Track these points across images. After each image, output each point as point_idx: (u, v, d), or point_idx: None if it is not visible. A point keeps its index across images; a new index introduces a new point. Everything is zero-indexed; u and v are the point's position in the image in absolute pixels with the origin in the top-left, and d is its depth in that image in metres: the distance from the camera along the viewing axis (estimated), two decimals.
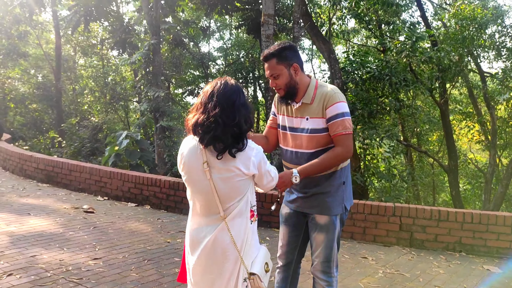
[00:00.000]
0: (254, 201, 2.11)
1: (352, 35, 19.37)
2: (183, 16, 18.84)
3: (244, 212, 2.04)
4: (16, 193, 6.77)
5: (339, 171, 2.52)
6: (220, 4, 15.05)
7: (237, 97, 2.00)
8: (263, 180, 2.09)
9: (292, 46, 2.50)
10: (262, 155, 2.06)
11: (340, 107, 2.43)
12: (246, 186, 2.04)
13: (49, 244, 4.41)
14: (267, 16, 8.78)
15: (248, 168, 2.00)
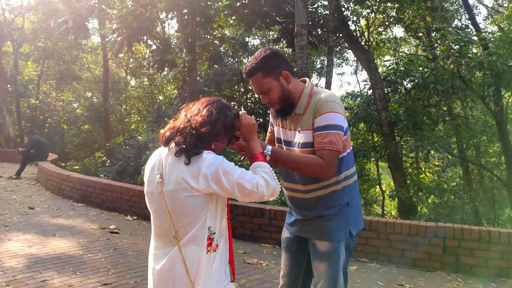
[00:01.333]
0: (216, 228, 1.75)
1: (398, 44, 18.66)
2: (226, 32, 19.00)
3: (199, 239, 1.72)
4: (49, 213, 6.80)
5: (341, 190, 2.14)
6: (259, 19, 14.96)
7: (219, 109, 1.82)
8: (236, 195, 1.72)
9: (275, 52, 2.15)
10: (221, 165, 1.70)
11: (330, 118, 2.04)
12: (199, 206, 1.71)
13: (64, 267, 4.27)
14: (300, 26, 8.49)
15: (197, 182, 1.67)
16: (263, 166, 1.82)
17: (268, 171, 1.81)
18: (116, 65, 24.75)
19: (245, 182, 1.71)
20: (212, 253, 1.74)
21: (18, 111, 21.37)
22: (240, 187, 1.70)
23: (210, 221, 1.74)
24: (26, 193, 8.68)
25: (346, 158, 2.15)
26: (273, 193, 1.79)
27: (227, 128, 1.84)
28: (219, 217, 1.77)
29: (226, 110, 1.84)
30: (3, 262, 4.37)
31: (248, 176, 1.73)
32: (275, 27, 15.41)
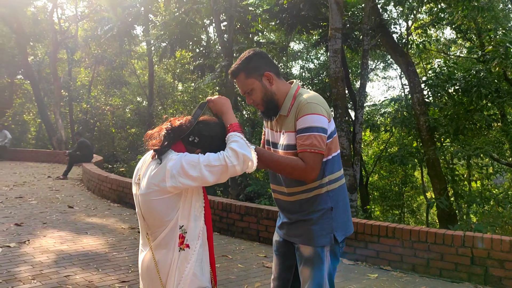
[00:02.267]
0: (189, 228, 1.76)
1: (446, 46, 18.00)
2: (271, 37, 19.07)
3: (170, 242, 1.75)
4: (86, 212, 7.11)
5: (324, 194, 2.11)
6: (300, 23, 14.92)
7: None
8: (208, 179, 1.69)
9: (259, 53, 2.18)
10: (184, 158, 1.70)
11: (310, 120, 2.03)
12: (169, 208, 1.74)
13: (88, 264, 4.46)
14: (334, 30, 8.40)
15: (166, 182, 1.69)
16: (233, 136, 1.77)
17: (238, 139, 1.75)
18: (163, 70, 25.47)
19: (210, 161, 1.68)
20: (185, 250, 1.75)
21: (71, 115, 22.49)
22: (208, 168, 1.68)
23: (182, 219, 1.75)
24: (69, 193, 9.11)
25: (331, 161, 2.13)
26: (244, 162, 1.71)
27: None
28: (193, 217, 1.77)
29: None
30: (34, 257, 4.62)
31: (212, 155, 1.71)
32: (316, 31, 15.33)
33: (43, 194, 8.78)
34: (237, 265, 4.67)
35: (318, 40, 14.20)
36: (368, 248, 4.92)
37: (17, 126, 23.22)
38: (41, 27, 21.51)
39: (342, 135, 8.36)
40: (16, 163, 15.97)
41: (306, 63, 21.57)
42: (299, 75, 20.44)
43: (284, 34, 16.25)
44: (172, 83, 26.75)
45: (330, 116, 2.13)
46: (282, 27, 15.14)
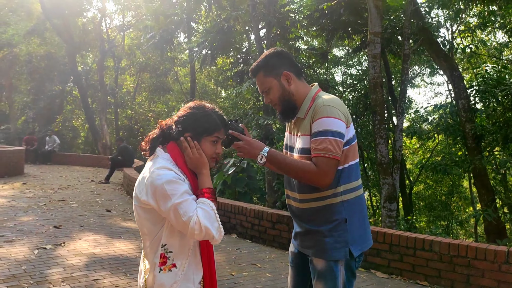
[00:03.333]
0: (174, 246, 1.65)
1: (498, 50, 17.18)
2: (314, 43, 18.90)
3: (153, 255, 1.66)
4: (122, 216, 7.24)
5: (339, 204, 1.99)
6: (341, 28, 14.70)
7: (192, 109, 1.77)
8: (171, 220, 1.59)
9: (280, 52, 2.13)
10: (164, 185, 1.57)
11: (325, 123, 1.93)
12: (152, 219, 1.65)
13: (118, 268, 4.50)
14: (373, 34, 8.17)
15: (141, 194, 1.62)
16: (204, 203, 1.62)
17: (207, 209, 1.61)
18: (206, 77, 25.85)
19: (182, 212, 1.57)
20: (167, 272, 1.64)
21: (116, 121, 23.22)
22: (176, 215, 1.57)
23: (166, 238, 1.64)
24: (109, 197, 9.35)
25: (348, 170, 2.01)
26: (205, 234, 1.57)
27: (196, 127, 1.72)
28: (180, 236, 1.65)
29: (201, 111, 1.75)
30: (67, 259, 4.72)
31: (188, 207, 1.58)
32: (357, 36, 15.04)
33: (84, 197, 9.05)
34: (266, 274, 4.58)
35: (359, 45, 13.90)
36: (403, 261, 4.69)
37: (68, 131, 24.22)
38: (91, 36, 22.40)
39: (381, 142, 8.09)
40: (64, 167, 16.65)
41: (348, 69, 21.22)
42: (341, 82, 20.15)
43: (325, 40, 16.08)
44: (215, 89, 27.10)
45: (349, 121, 2.02)
46: (323, 32, 14.97)
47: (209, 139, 1.73)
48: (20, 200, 8.37)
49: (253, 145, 1.99)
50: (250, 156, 2.00)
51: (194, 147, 1.69)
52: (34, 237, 5.61)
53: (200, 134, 1.72)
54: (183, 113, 1.75)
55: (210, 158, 1.75)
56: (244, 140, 1.98)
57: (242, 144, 1.97)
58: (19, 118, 24.64)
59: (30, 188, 10.15)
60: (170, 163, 1.68)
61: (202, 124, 1.72)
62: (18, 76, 21.54)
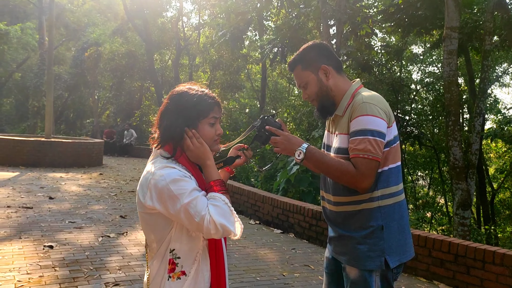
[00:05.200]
0: (182, 251, 1.54)
1: None
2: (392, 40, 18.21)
3: (162, 261, 1.56)
4: None
5: (375, 210, 1.84)
6: (418, 23, 13.96)
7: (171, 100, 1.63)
8: (182, 221, 1.49)
9: (319, 45, 2.01)
10: (169, 185, 1.46)
11: (364, 121, 1.79)
12: (158, 224, 1.53)
13: None
14: (449, 29, 7.64)
15: (145, 198, 1.50)
16: (215, 199, 1.51)
17: (220, 204, 1.49)
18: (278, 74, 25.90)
19: (193, 212, 1.45)
20: (176, 280, 1.54)
21: None
22: (187, 217, 1.46)
23: (174, 243, 1.54)
24: None
25: (387, 173, 1.85)
26: (223, 231, 1.46)
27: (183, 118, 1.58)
28: (188, 239, 1.55)
29: (187, 96, 1.61)
30: (126, 248, 4.92)
31: (200, 205, 1.46)
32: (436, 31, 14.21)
33: None
34: (318, 276, 4.44)
35: (437, 41, 13.12)
36: (470, 274, 4.32)
37: (147, 126, 25.44)
38: (168, 35, 23.33)
39: (455, 144, 7.54)
40: (139, 159, 17.51)
41: (426, 66, 20.14)
42: (419, 80, 19.19)
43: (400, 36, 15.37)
44: (287, 87, 27.06)
45: (391, 120, 1.87)
46: (399, 28, 14.33)
47: (206, 122, 1.60)
48: (94, 189, 8.90)
49: (292, 141, 1.90)
50: (288, 152, 1.91)
51: (193, 137, 1.57)
52: (101, 225, 5.92)
53: (195, 120, 1.59)
54: (168, 106, 1.62)
55: (213, 141, 1.63)
56: (282, 135, 1.90)
57: (279, 139, 1.89)
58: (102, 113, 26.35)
59: (105, 178, 10.77)
60: (170, 161, 1.57)
61: (194, 108, 1.58)
62: (102, 73, 23.01)
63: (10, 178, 9.68)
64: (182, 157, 1.59)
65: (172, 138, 1.58)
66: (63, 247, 4.78)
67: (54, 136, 15.38)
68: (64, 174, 10.88)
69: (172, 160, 1.57)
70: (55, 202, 7.22)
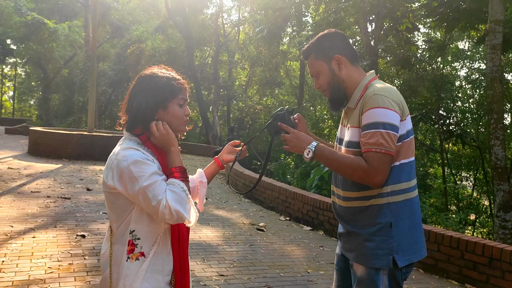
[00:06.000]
0: (142, 232, 1.55)
1: None
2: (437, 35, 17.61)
3: (122, 241, 1.57)
4: (216, 204, 7.50)
5: (384, 206, 1.77)
6: (464, 18, 13.40)
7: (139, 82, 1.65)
8: (141, 204, 1.51)
9: (334, 34, 1.95)
10: (130, 167, 1.48)
11: (377, 114, 1.73)
12: (120, 204, 1.55)
13: (197, 253, 4.66)
14: (493, 22, 7.29)
15: (107, 177, 1.54)
16: (174, 185, 1.52)
17: (178, 191, 1.50)
18: None
19: (151, 196, 1.47)
20: (135, 261, 1.55)
21: (228, 113, 24.19)
22: (145, 199, 1.48)
23: (134, 223, 1.55)
24: (209, 185, 9.73)
25: (398, 169, 1.78)
26: (177, 218, 1.48)
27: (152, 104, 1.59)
28: (149, 220, 1.55)
29: (155, 78, 1.62)
30: None
31: (158, 190, 1.48)
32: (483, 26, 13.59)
33: None
34: None
35: (483, 36, 12.53)
36: (505, 278, 4.11)
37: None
38: (208, 32, 23.60)
39: (497, 143, 7.19)
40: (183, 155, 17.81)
41: (473, 63, 19.32)
42: (466, 77, 18.45)
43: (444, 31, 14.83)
44: None
45: (404, 113, 1.81)
46: (443, 23, 13.81)
47: (176, 102, 1.63)
48: None
49: (300, 139, 1.87)
50: (297, 150, 1.88)
51: (159, 123, 1.60)
52: None
53: (165, 100, 1.61)
54: (137, 87, 1.64)
55: (183, 121, 1.66)
56: (292, 133, 1.89)
57: (288, 137, 1.88)
58: None
59: None
60: (136, 144, 1.60)
61: (164, 89, 1.60)
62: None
63: (53, 169, 10.10)
64: (149, 141, 1.62)
65: (142, 120, 1.60)
66: (94, 237, 4.94)
67: (97, 130, 15.92)
68: (103, 167, 11.23)
69: (139, 143, 1.60)
70: (92, 194, 7.47)
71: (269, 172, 14.85)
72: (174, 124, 1.64)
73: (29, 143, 13.54)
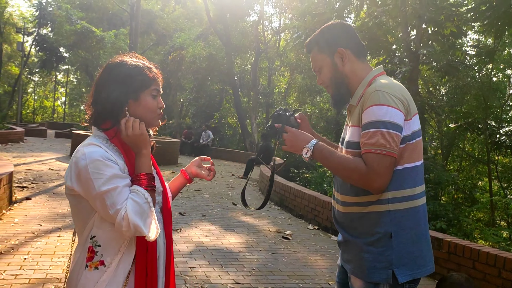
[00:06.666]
0: (103, 239, 1.40)
1: None
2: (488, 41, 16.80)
3: (83, 247, 1.42)
4: (244, 211, 7.37)
5: (384, 214, 1.59)
6: None
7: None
8: (97, 209, 1.36)
9: (338, 25, 1.81)
10: (91, 165, 1.33)
11: (377, 112, 1.56)
12: (83, 207, 1.40)
13: (216, 260, 4.54)
14: None
15: (67, 177, 1.39)
16: (138, 194, 1.36)
17: (140, 202, 1.34)
18: None
19: (109, 203, 1.33)
20: (93, 270, 1.39)
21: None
22: (102, 205, 1.33)
23: (96, 229, 1.39)
24: (240, 191, 9.62)
25: (402, 173, 1.59)
26: (135, 231, 1.32)
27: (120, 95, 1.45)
28: (111, 226, 1.38)
29: (128, 66, 1.49)
30: (176, 244, 4.94)
31: (118, 198, 1.33)
32: None
33: (219, 189, 9.50)
34: None
35: None
36: None
37: (227, 128, 25.98)
38: (249, 39, 23.65)
39: None
40: (214, 161, 17.79)
41: None
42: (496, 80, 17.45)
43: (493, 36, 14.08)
44: None
45: (410, 112, 1.62)
46: (491, 28, 13.14)
47: (149, 93, 1.49)
48: None
49: (299, 137, 1.73)
50: (295, 149, 1.74)
51: (135, 121, 1.44)
52: None
53: (137, 90, 1.46)
54: (106, 76, 1.48)
55: (156, 114, 1.52)
56: (290, 132, 1.75)
57: (286, 136, 1.75)
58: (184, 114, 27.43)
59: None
60: (102, 139, 1.44)
61: (136, 78, 1.46)
62: (183, 75, 23.93)
63: None
64: (116, 138, 1.46)
65: (110, 112, 1.45)
66: None
67: None
68: None
69: (105, 139, 1.45)
70: None
71: (306, 180, 14.54)
72: (147, 117, 1.50)
73: (71, 146, 14.00)
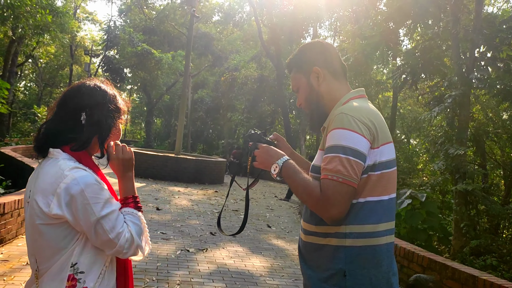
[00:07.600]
0: (85, 265, 1.35)
1: None
2: None
3: (57, 278, 1.34)
4: (277, 234, 7.26)
5: (339, 248, 1.48)
6: None
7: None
8: (91, 235, 1.32)
9: (315, 44, 1.76)
10: (86, 190, 1.29)
11: (338, 136, 1.47)
12: (61, 236, 1.33)
13: (234, 283, 4.47)
14: None
15: (49, 205, 1.29)
16: (134, 216, 1.40)
17: (139, 224, 1.40)
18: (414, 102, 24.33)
19: (108, 228, 1.32)
20: None
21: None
22: (100, 231, 1.31)
23: (77, 255, 1.34)
24: (280, 213, 9.53)
25: (364, 207, 1.48)
26: (134, 252, 1.39)
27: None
28: (94, 250, 1.36)
29: (104, 90, 1.48)
30: (198, 264, 4.95)
31: (117, 221, 1.35)
32: None
33: (257, 210, 9.45)
34: None
35: None
36: None
37: None
38: None
39: None
40: (261, 182, 17.81)
41: None
42: None
43: None
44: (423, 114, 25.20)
45: (377, 140, 1.51)
46: None
47: (121, 121, 1.53)
48: (201, 205, 9.28)
49: (269, 153, 1.66)
50: (265, 165, 1.67)
51: (124, 145, 1.49)
52: (188, 239, 6.09)
53: (116, 117, 1.49)
54: (89, 98, 1.43)
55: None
56: (261, 148, 1.70)
57: (257, 152, 1.69)
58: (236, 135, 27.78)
59: (218, 196, 11.18)
60: (74, 161, 1.38)
61: (115, 105, 1.47)
62: (235, 96, 24.35)
63: (136, 188, 10.67)
64: (86, 158, 1.43)
65: (100, 136, 1.45)
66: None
67: (184, 153, 16.62)
68: (183, 189, 11.60)
69: (75, 161, 1.40)
70: (159, 213, 7.69)
71: None
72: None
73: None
